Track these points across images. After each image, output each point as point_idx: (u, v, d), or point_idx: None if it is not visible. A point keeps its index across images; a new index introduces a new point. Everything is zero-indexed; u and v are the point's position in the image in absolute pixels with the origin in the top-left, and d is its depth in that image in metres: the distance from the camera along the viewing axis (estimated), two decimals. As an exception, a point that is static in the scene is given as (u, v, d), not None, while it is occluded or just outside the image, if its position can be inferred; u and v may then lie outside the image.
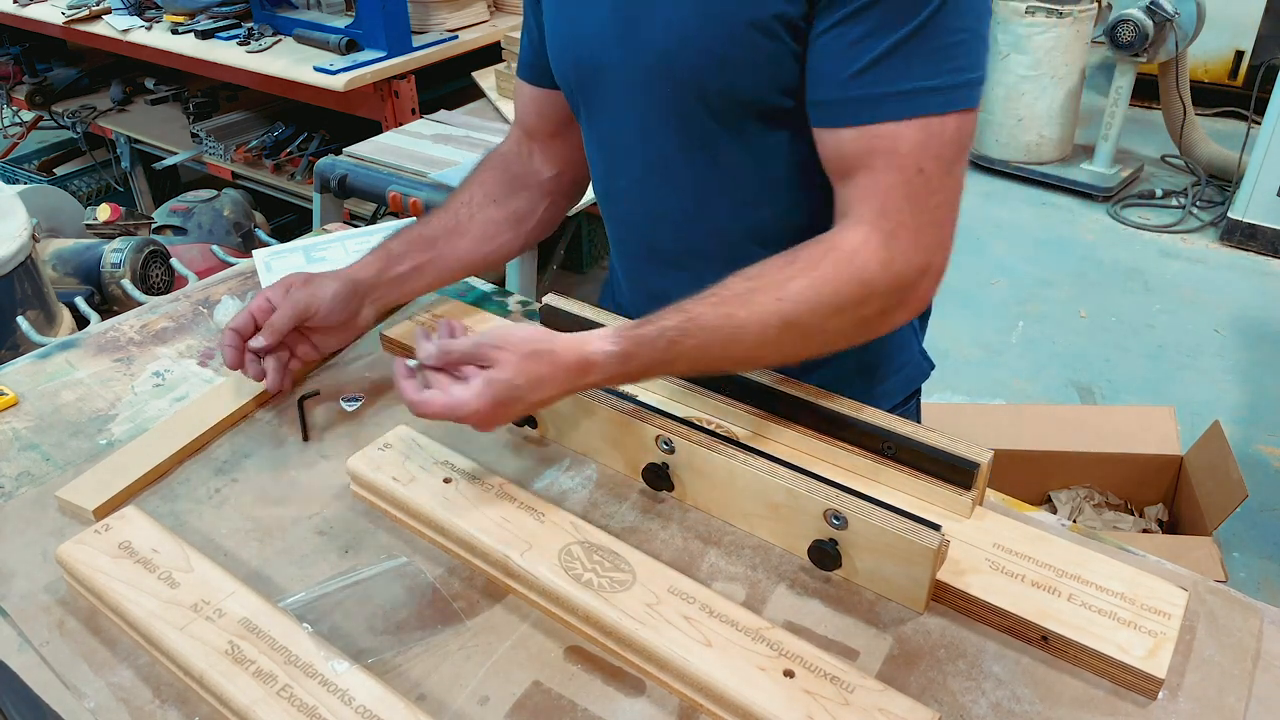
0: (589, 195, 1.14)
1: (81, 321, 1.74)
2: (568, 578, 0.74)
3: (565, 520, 0.79)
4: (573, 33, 0.91)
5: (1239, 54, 4.32)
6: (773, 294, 0.77)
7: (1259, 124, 3.29)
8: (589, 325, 0.99)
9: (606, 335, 0.78)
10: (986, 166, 4.06)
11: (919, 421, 1.04)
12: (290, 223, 3.25)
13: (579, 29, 0.90)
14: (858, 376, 0.99)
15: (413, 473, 0.84)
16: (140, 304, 1.27)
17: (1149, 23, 3.42)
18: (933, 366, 1.08)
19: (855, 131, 0.76)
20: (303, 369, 1.02)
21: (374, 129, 2.46)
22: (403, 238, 1.04)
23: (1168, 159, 4.07)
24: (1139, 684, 0.68)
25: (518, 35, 2.42)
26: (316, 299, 0.96)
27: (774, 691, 0.65)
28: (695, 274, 0.95)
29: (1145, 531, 1.95)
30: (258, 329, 0.94)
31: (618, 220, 1.03)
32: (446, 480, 0.83)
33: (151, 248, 2.15)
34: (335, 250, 1.29)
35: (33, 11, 3.15)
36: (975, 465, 0.79)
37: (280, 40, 2.71)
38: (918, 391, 1.08)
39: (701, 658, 0.67)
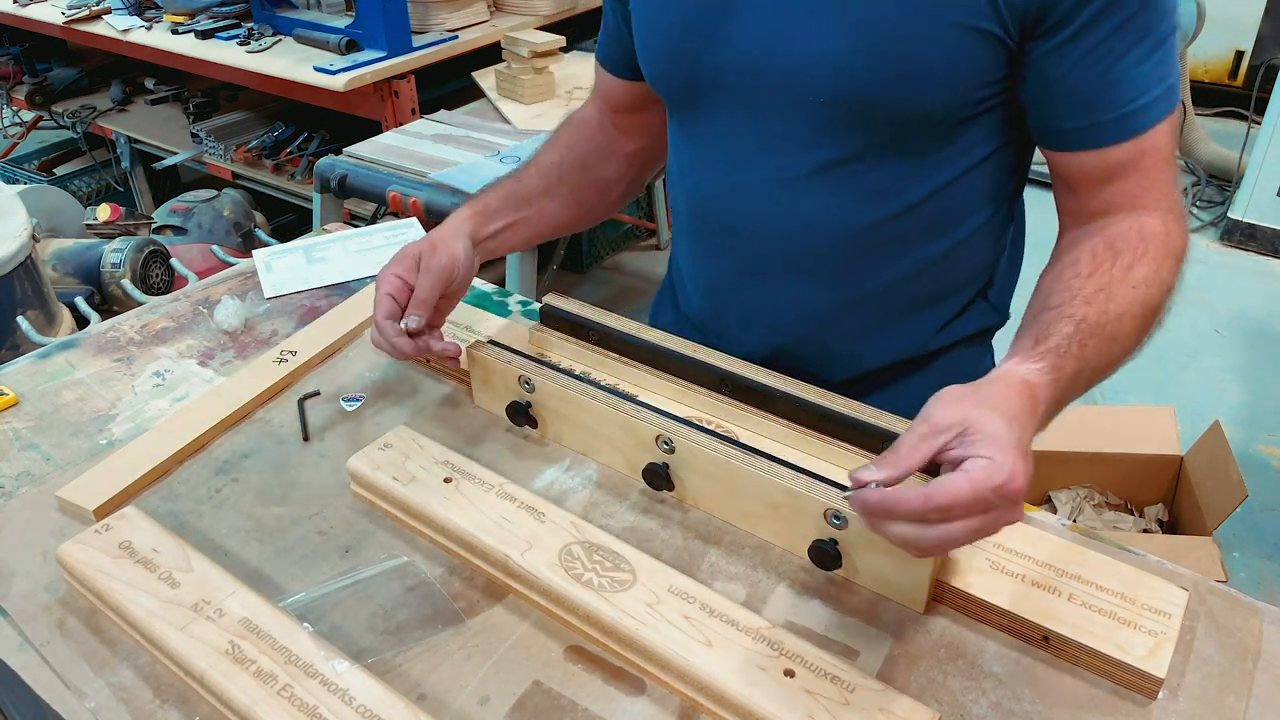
0: None
1: (81, 321, 1.74)
2: (568, 577, 0.74)
3: (565, 520, 0.79)
4: (690, 35, 0.86)
5: (1239, 54, 4.31)
6: (1126, 284, 0.78)
7: (1259, 124, 3.29)
8: (589, 325, 0.99)
9: (1018, 360, 0.72)
10: (986, 166, 4.05)
11: None
12: (290, 223, 3.25)
13: (700, 32, 0.85)
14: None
15: (413, 473, 0.84)
16: (140, 304, 1.27)
17: (1149, 23, 3.42)
18: None
19: (1125, 144, 0.79)
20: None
21: (374, 129, 2.46)
22: (497, 193, 1.02)
23: (1168, 159, 4.06)
24: (1139, 683, 0.68)
25: (517, 35, 2.44)
26: (456, 260, 0.92)
27: (774, 691, 0.65)
28: (796, 287, 0.93)
29: (1145, 531, 1.94)
30: (400, 308, 0.90)
31: (708, 231, 0.96)
32: (446, 480, 0.83)
33: (151, 248, 2.15)
34: (335, 250, 1.29)
35: (33, 11, 3.15)
36: (975, 465, 0.79)
37: (280, 40, 2.70)
38: None
39: (702, 658, 0.67)
